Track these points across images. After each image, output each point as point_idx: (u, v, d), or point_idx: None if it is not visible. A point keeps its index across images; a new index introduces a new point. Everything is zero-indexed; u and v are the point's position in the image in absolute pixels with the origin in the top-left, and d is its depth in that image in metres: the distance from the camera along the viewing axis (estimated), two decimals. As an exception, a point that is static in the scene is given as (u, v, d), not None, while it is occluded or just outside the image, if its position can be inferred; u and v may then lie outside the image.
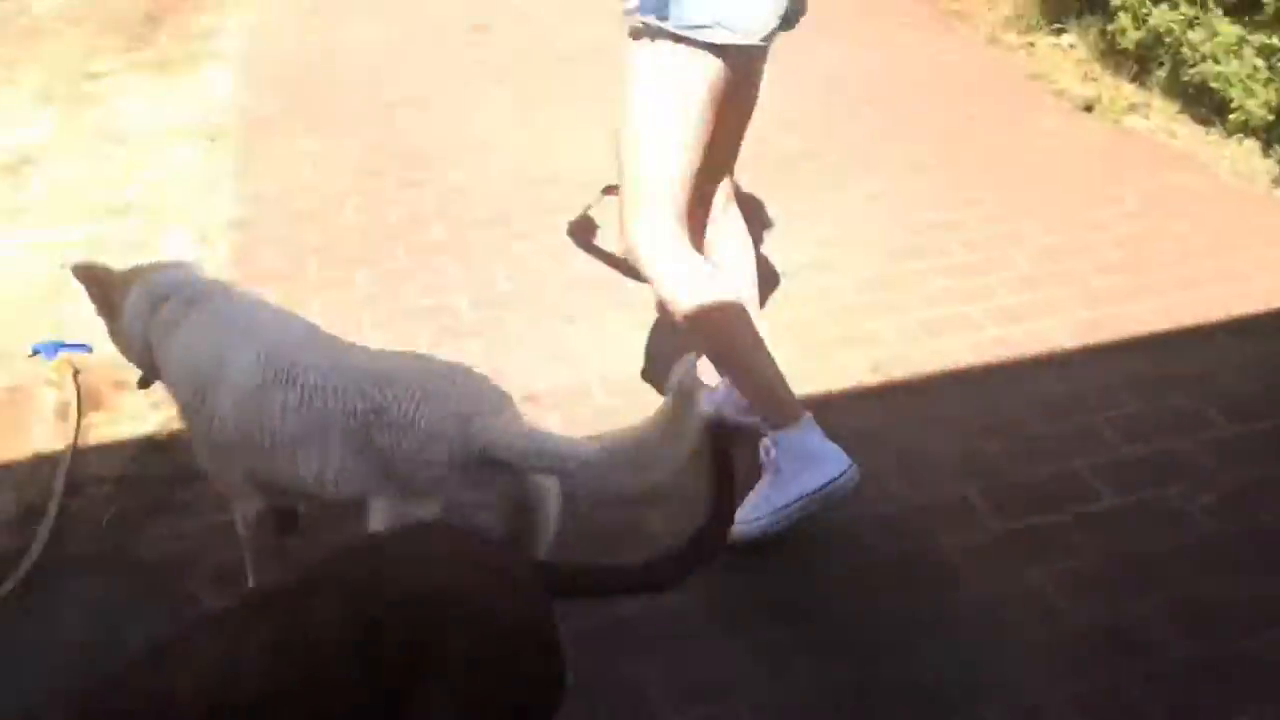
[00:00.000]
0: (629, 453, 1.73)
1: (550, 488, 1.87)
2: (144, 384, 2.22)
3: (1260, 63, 4.03)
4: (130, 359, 2.20)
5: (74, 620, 2.32)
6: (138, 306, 2.08)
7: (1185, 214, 3.77)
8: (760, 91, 2.48)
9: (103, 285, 2.16)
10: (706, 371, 2.53)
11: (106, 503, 2.65)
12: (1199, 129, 4.35)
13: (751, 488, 2.39)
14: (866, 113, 4.66)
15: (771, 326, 2.62)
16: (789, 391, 2.38)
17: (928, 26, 5.59)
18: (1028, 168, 4.15)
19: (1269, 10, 3.99)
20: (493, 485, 1.78)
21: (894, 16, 5.71)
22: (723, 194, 2.59)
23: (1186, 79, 4.39)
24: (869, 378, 3.01)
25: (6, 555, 2.45)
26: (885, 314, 3.28)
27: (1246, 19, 4.13)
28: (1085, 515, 2.48)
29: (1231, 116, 4.17)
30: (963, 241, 3.65)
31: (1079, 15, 5.11)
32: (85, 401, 2.99)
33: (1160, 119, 4.49)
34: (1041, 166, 4.16)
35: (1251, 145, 4.12)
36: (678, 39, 2.18)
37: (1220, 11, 4.22)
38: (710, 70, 2.21)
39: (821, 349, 3.10)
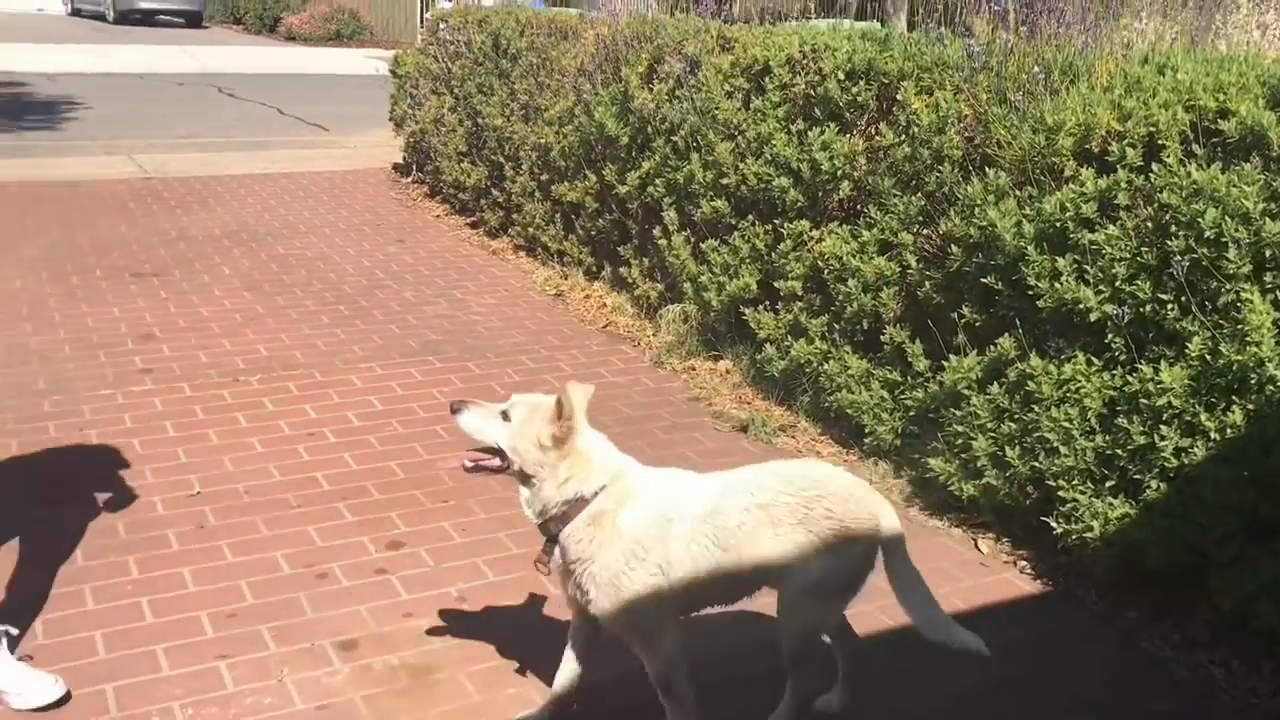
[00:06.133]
0: None
1: None
2: None
3: (885, 394, 4.53)
4: None
5: None
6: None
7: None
8: None
9: None
10: None
11: None
12: (840, 449, 4.79)
13: None
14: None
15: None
16: None
17: (597, 351, 5.94)
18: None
19: (888, 349, 4.53)
20: None
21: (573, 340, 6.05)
22: None
23: (827, 405, 4.86)
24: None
25: None
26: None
27: (871, 356, 4.67)
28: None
29: (866, 440, 4.63)
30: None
31: (732, 344, 5.60)
32: None
33: (806, 439, 4.91)
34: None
35: (885, 467, 4.55)
36: None
37: (849, 348, 4.75)
38: None
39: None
